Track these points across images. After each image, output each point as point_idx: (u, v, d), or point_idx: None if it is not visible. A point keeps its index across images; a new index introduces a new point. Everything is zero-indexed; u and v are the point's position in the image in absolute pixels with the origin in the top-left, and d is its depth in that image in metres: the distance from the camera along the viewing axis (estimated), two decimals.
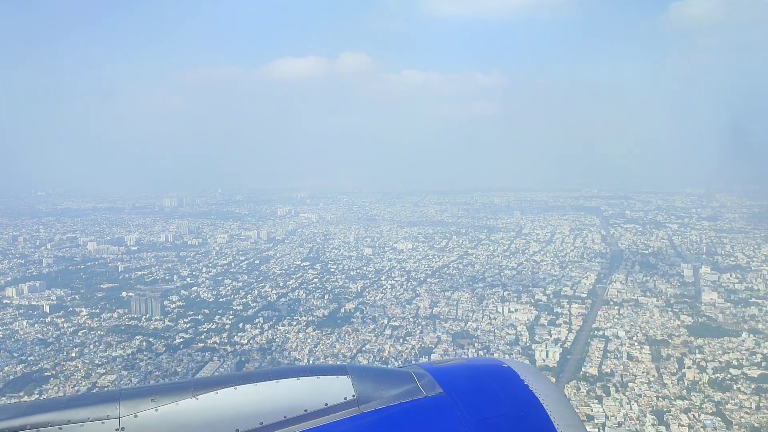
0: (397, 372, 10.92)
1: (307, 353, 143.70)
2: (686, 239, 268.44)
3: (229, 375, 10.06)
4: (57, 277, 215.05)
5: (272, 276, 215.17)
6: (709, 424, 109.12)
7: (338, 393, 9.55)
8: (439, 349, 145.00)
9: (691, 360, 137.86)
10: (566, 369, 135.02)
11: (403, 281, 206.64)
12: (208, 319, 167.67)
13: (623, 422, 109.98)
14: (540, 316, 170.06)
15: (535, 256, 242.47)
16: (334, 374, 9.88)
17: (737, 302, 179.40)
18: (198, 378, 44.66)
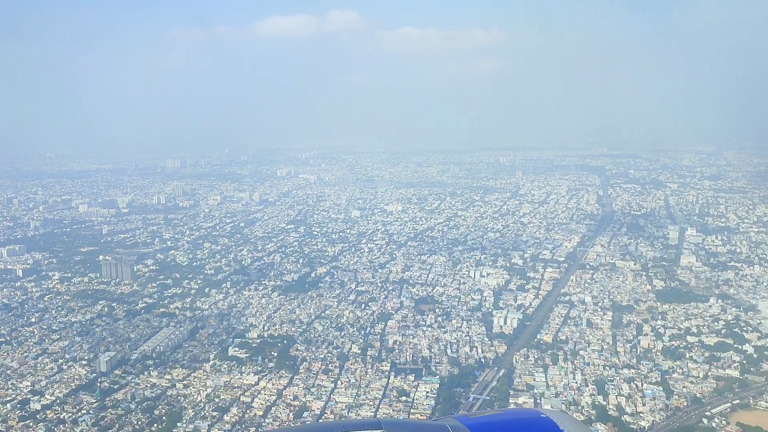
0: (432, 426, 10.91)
1: (265, 319, 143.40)
2: (682, 199, 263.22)
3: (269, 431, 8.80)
4: (40, 240, 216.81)
5: (253, 239, 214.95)
6: (649, 394, 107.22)
7: None
8: (398, 315, 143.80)
9: (650, 327, 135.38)
10: (521, 336, 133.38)
11: (383, 245, 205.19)
12: (177, 284, 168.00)
13: (562, 392, 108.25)
14: (511, 280, 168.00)
15: (524, 218, 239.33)
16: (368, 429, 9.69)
17: (715, 266, 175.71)
18: None
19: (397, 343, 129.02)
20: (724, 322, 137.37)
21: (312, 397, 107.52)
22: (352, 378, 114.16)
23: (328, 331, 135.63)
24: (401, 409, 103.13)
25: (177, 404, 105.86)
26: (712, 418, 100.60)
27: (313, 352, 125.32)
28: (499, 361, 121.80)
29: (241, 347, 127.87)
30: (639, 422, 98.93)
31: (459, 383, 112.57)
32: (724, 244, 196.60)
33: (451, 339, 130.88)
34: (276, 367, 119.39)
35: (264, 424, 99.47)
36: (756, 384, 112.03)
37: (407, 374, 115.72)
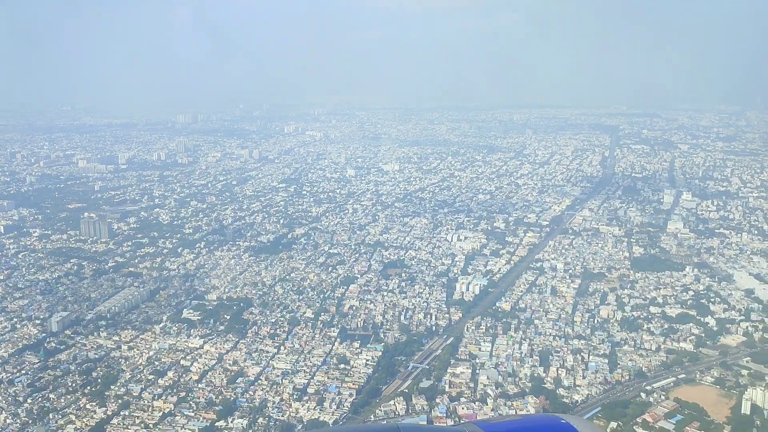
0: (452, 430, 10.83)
1: (229, 281, 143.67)
2: (689, 162, 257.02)
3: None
4: (31, 196, 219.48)
5: (240, 198, 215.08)
6: (592, 367, 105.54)
7: None
8: (362, 280, 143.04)
9: (615, 296, 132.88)
10: (481, 304, 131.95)
11: (369, 206, 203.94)
12: (152, 243, 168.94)
13: (503, 362, 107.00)
14: (487, 245, 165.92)
15: (521, 179, 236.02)
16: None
17: (702, 233, 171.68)
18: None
19: (353, 309, 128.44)
20: (693, 293, 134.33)
21: (251, 362, 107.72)
22: (297, 344, 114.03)
23: (287, 295, 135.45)
24: (337, 377, 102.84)
25: (116, 366, 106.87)
26: (652, 393, 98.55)
27: (266, 316, 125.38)
28: (451, 329, 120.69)
29: (197, 309, 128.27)
30: (573, 396, 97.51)
31: (403, 351, 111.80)
32: (718, 209, 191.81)
33: (408, 305, 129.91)
34: (225, 330, 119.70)
35: (196, 389, 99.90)
36: (708, 358, 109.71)
37: (354, 341, 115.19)
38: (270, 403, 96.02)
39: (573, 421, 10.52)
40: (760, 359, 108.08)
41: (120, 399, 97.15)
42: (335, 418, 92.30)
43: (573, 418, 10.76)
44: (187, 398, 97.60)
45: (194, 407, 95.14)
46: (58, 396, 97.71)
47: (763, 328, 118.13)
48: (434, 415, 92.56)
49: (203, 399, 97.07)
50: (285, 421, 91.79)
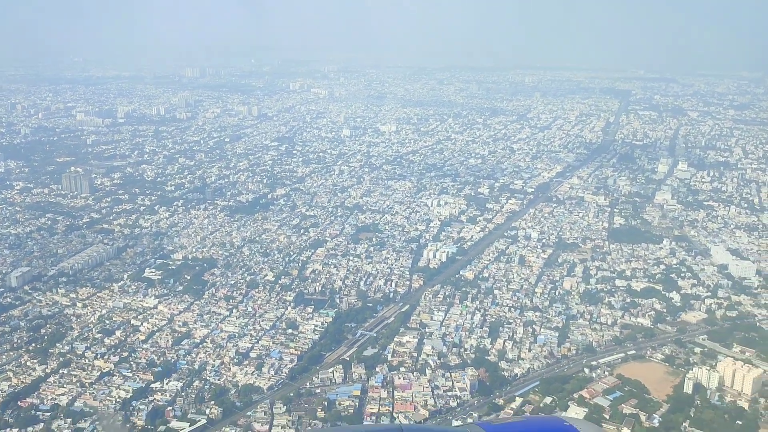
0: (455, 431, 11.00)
1: (198, 240, 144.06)
2: (695, 130, 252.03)
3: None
4: (22, 148, 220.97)
5: (229, 156, 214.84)
6: (541, 340, 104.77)
7: None
8: (332, 243, 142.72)
9: (583, 268, 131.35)
10: (445, 271, 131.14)
11: (357, 167, 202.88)
12: (131, 200, 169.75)
13: (451, 332, 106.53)
14: (466, 211, 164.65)
15: (517, 144, 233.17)
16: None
17: (689, 204, 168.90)
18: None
19: (315, 273, 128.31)
20: (665, 267, 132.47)
21: (201, 324, 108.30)
22: (251, 307, 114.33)
23: (252, 257, 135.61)
24: (282, 342, 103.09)
25: (67, 324, 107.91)
26: (596, 368, 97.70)
27: (226, 278, 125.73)
28: (409, 296, 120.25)
29: (159, 269, 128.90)
30: (514, 369, 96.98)
31: (355, 318, 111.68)
32: (712, 181, 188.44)
33: (372, 271, 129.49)
34: (182, 291, 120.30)
35: (141, 349, 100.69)
36: (664, 335, 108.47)
37: (308, 306, 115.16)
38: (209, 366, 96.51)
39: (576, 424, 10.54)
40: (717, 337, 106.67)
41: (62, 357, 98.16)
42: (271, 383, 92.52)
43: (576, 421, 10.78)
44: (129, 359, 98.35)
45: (134, 368, 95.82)
46: (1, 352, 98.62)
47: (728, 306, 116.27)
48: (370, 384, 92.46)
49: (145, 360, 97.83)
50: (220, 385, 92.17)
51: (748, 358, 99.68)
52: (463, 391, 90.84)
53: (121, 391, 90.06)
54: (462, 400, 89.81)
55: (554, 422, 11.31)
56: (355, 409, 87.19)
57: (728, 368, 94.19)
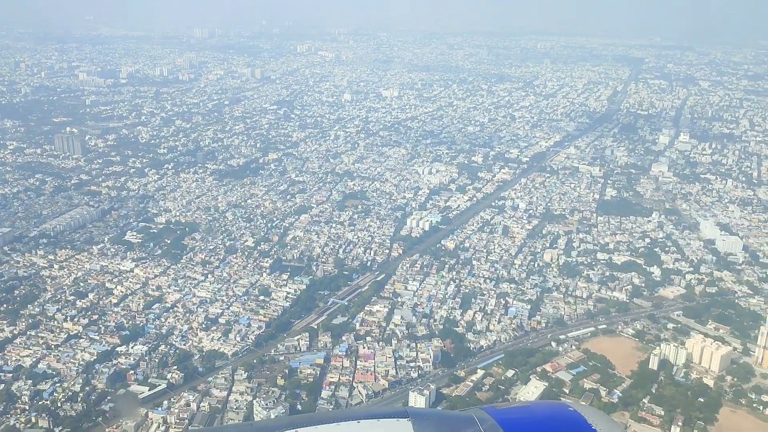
0: (459, 416, 11.09)
1: (183, 204, 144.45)
2: (703, 100, 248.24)
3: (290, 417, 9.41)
4: (20, 107, 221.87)
5: (226, 119, 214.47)
6: (512, 312, 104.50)
7: None
8: (316, 210, 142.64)
9: (567, 240, 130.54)
10: (426, 241, 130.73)
11: (353, 133, 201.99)
12: (122, 162, 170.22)
13: (422, 303, 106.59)
14: (457, 179, 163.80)
15: (518, 112, 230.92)
16: (394, 417, 9.91)
17: (685, 177, 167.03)
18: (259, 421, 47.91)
19: (296, 239, 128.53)
20: (650, 240, 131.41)
21: (174, 289, 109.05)
22: (226, 273, 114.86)
23: (235, 222, 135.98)
24: (252, 309, 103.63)
25: (41, 286, 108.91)
26: (564, 342, 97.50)
27: (206, 243, 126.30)
28: (386, 265, 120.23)
29: (141, 232, 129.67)
30: (480, 341, 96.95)
31: (329, 286, 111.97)
32: (713, 153, 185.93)
33: (353, 238, 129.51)
34: (161, 255, 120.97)
35: (111, 312, 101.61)
36: (639, 310, 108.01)
37: (284, 272, 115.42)
38: (177, 331, 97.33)
39: (580, 409, 10.71)
40: (692, 314, 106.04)
41: (32, 318, 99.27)
42: (236, 350, 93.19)
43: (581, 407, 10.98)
44: (99, 321, 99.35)
45: (102, 331, 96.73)
46: None
47: (708, 282, 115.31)
48: (334, 353, 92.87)
49: (114, 323, 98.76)
50: (185, 350, 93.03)
51: (721, 336, 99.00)
52: (426, 362, 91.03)
53: (86, 353, 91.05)
54: (424, 371, 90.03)
55: (558, 407, 11.62)
56: (315, 377, 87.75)
57: (697, 345, 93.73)
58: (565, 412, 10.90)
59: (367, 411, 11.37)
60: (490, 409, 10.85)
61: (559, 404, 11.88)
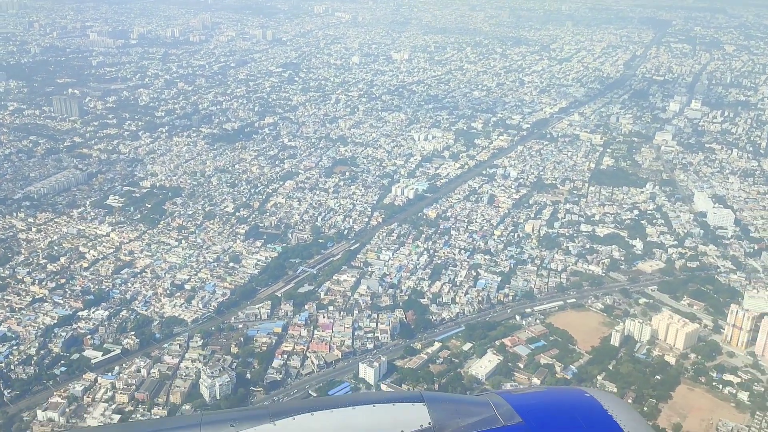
0: (474, 400, 11.07)
1: (171, 168, 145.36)
2: (724, 65, 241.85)
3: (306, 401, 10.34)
4: (27, 68, 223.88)
5: (229, 82, 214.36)
6: (481, 284, 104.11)
7: (414, 420, 9.55)
8: (303, 176, 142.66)
9: (552, 210, 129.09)
10: (409, 209, 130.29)
11: (355, 97, 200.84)
12: (118, 125, 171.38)
13: (392, 273, 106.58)
14: (452, 146, 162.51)
15: (528, 76, 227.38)
16: (410, 401, 9.93)
17: (689, 146, 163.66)
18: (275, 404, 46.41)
19: (276, 206, 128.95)
20: (639, 212, 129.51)
21: (146, 254, 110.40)
22: (200, 238, 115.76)
23: (219, 187, 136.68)
24: (219, 276, 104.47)
25: (16, 248, 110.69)
26: (529, 316, 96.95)
27: (186, 208, 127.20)
28: (363, 234, 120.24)
29: (124, 196, 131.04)
30: (443, 313, 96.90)
31: (301, 254, 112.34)
32: (724, 121, 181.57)
33: (334, 206, 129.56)
34: (139, 219, 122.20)
35: (80, 277, 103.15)
36: (613, 283, 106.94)
37: (259, 239, 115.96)
38: (141, 296, 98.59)
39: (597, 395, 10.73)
40: (667, 289, 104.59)
41: (1, 281, 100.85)
42: (196, 316, 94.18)
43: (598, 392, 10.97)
44: (66, 286, 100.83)
45: (67, 295, 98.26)
46: None
47: (690, 257, 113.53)
48: (294, 322, 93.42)
49: (80, 287, 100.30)
50: (146, 316, 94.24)
51: (693, 312, 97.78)
52: (383, 334, 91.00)
53: (48, 317, 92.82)
54: (380, 342, 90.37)
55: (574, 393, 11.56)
56: (270, 346, 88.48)
57: (662, 322, 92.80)
58: (581, 397, 10.86)
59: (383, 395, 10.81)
60: (505, 394, 10.74)
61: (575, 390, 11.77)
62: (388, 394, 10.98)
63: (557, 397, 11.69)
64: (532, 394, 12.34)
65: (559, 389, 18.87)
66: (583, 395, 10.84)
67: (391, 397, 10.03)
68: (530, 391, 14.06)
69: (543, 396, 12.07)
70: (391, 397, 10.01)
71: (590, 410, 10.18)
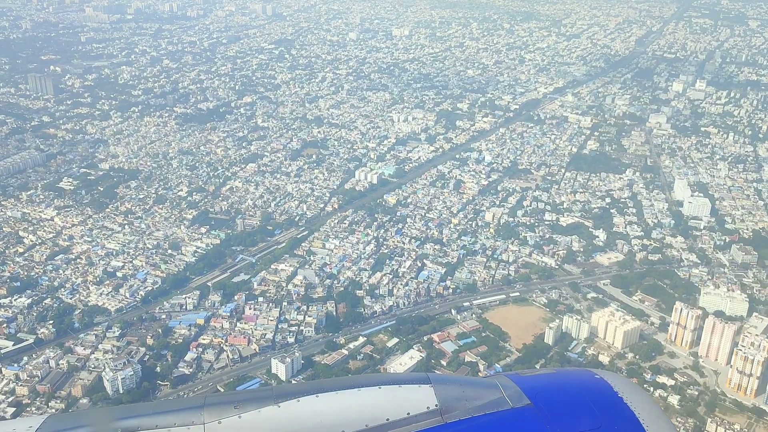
0: (482, 381, 11.29)
1: (135, 150, 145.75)
2: (743, 42, 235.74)
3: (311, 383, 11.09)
4: (14, 44, 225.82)
5: (217, 59, 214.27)
6: (423, 276, 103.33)
7: (421, 402, 9.73)
8: (266, 159, 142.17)
9: (519, 197, 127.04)
10: (369, 195, 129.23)
11: (342, 75, 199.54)
12: (92, 104, 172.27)
13: (333, 263, 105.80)
14: (432, 128, 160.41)
15: (530, 54, 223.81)
16: (416, 383, 10.09)
17: (683, 130, 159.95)
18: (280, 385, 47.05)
19: (232, 190, 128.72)
20: (610, 200, 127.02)
21: (86, 239, 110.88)
22: (145, 224, 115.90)
23: (179, 170, 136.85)
24: (154, 264, 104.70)
25: None
26: (464, 310, 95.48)
27: (139, 191, 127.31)
28: (315, 221, 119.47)
29: (78, 179, 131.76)
30: (376, 306, 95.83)
31: (244, 241, 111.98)
32: (727, 103, 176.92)
33: (292, 191, 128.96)
34: (88, 203, 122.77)
35: (12, 262, 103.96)
36: (564, 277, 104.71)
37: (203, 225, 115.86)
38: (69, 283, 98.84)
39: (607, 377, 10.80)
40: (620, 283, 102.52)
41: None
42: (121, 306, 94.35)
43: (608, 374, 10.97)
44: None
45: None
46: None
47: (654, 249, 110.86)
48: (219, 313, 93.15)
49: (9, 273, 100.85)
50: (70, 305, 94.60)
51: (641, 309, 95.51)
52: (308, 327, 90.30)
53: None
54: (304, 336, 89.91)
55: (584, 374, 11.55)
56: (187, 339, 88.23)
57: (602, 319, 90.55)
58: (591, 379, 10.83)
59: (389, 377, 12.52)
60: (514, 376, 10.76)
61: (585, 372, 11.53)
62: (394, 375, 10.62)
63: (567, 380, 11.72)
64: (541, 376, 12.11)
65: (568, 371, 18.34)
66: (593, 377, 10.84)
67: (398, 378, 10.23)
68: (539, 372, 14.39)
69: (552, 378, 12.01)
70: (397, 379, 10.10)
71: (601, 393, 10.22)
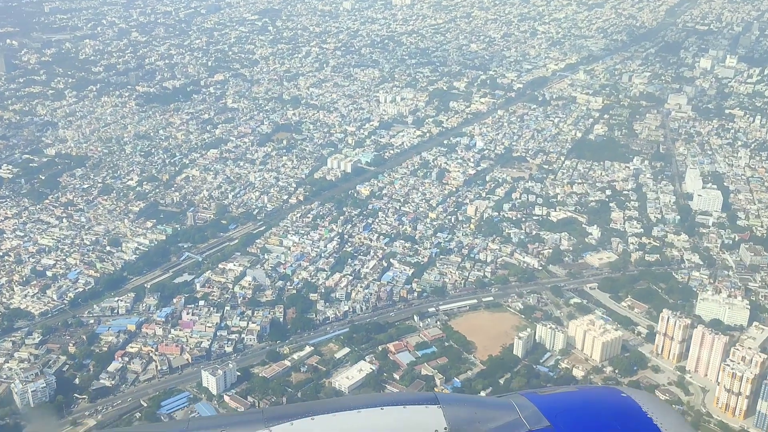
0: (496, 402, 11.64)
1: (87, 133, 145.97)
2: None
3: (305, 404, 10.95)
4: None
5: (192, 31, 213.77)
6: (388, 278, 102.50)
7: (428, 425, 9.72)
8: (231, 144, 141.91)
9: (509, 188, 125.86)
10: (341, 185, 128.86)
11: (329, 50, 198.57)
12: (47, 82, 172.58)
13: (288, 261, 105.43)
14: (421, 110, 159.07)
15: (543, 26, 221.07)
16: (422, 404, 10.17)
17: (705, 112, 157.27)
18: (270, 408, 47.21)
19: (187, 180, 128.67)
20: (611, 192, 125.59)
21: (18, 234, 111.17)
22: (86, 217, 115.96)
23: (131, 156, 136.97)
24: (90, 262, 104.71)
25: None
26: (428, 317, 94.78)
27: (84, 181, 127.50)
28: (276, 214, 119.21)
29: (19, 166, 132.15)
30: (329, 311, 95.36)
31: (192, 237, 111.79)
32: (758, 82, 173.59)
33: (254, 180, 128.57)
34: (27, 193, 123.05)
35: None
36: (547, 279, 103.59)
37: (150, 219, 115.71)
38: None
39: (635, 395, 10.90)
40: (609, 287, 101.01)
41: None
42: (47, 309, 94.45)
43: (635, 392, 11.11)
44: None
45: None
46: None
47: (652, 248, 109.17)
48: (153, 318, 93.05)
49: None
50: None
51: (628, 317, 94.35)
52: (251, 335, 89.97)
53: None
54: (244, 345, 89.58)
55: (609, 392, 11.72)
56: (114, 346, 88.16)
57: (579, 328, 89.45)
58: (617, 398, 10.91)
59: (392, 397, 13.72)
60: (531, 395, 10.83)
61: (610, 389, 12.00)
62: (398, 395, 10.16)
63: (590, 399, 11.69)
64: (562, 395, 12.13)
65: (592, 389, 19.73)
66: (620, 395, 10.94)
67: (402, 398, 10.30)
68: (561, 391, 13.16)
69: (574, 397, 11.97)
70: (401, 399, 10.15)
71: (628, 413, 10.28)
